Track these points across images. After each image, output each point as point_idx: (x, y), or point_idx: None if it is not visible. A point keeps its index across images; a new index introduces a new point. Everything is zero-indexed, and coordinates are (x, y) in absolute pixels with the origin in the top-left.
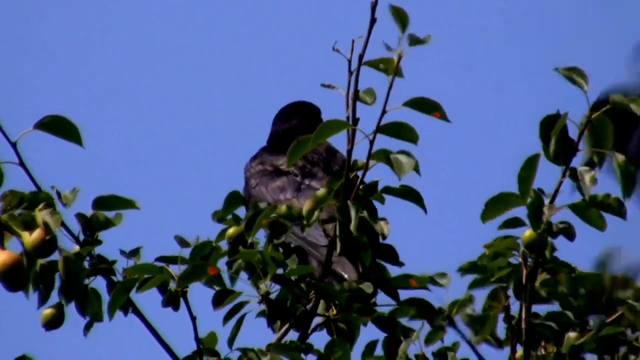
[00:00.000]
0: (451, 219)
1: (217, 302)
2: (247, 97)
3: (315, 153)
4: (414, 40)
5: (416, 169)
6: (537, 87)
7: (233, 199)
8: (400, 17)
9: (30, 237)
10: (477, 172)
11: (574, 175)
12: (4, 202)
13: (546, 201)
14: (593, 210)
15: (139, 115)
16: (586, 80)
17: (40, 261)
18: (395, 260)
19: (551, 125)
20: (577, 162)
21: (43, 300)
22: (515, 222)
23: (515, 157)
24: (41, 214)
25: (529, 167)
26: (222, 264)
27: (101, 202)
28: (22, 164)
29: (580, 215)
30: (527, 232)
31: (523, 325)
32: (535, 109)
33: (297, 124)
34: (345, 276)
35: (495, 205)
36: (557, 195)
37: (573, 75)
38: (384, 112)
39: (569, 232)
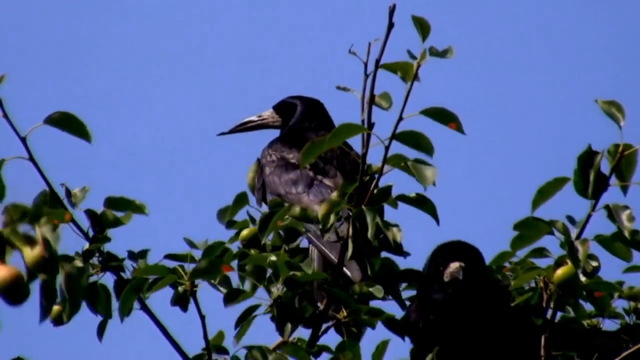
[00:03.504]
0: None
1: (229, 299)
2: (259, 97)
3: (330, 150)
4: (435, 53)
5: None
6: (555, 105)
7: (241, 200)
8: (422, 26)
9: (32, 253)
10: (481, 183)
11: (609, 212)
12: (5, 216)
13: (572, 231)
14: (620, 243)
15: (148, 112)
16: (623, 115)
17: (43, 276)
18: (399, 250)
19: (588, 162)
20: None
21: (45, 314)
22: (541, 252)
23: (527, 175)
24: (41, 230)
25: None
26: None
27: (111, 203)
28: (32, 159)
29: (606, 247)
30: (560, 271)
31: (542, 353)
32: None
33: (314, 126)
34: (349, 274)
35: (524, 232)
36: (584, 229)
37: (612, 109)
38: (400, 119)
39: (597, 269)
